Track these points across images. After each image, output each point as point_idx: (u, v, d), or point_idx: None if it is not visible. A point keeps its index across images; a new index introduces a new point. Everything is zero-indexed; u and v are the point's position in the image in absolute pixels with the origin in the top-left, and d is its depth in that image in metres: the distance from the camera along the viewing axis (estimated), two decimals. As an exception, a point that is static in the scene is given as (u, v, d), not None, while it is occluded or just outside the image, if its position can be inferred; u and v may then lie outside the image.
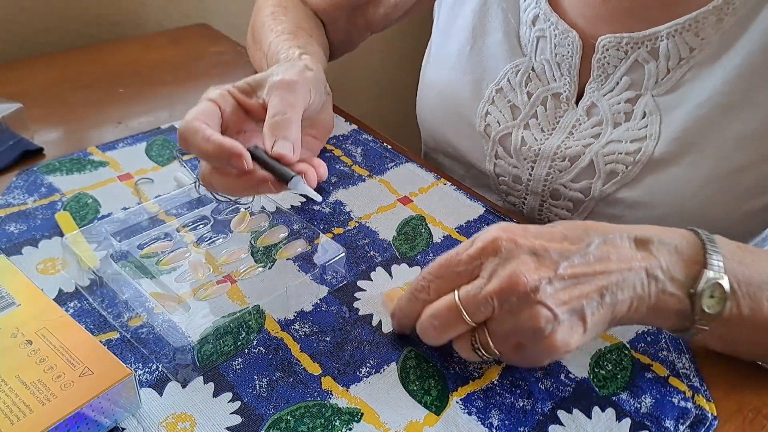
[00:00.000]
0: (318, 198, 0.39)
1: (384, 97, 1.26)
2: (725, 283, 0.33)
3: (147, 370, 0.36)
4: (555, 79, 0.50)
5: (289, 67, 0.44)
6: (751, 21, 0.42)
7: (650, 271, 0.34)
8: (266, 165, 0.39)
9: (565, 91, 0.50)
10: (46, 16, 0.75)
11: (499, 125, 0.53)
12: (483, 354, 0.35)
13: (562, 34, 0.48)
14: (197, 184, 0.48)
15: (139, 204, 0.48)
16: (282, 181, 0.38)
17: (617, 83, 0.47)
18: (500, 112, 0.53)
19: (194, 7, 0.87)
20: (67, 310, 0.39)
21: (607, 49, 0.47)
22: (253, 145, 0.40)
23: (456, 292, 0.34)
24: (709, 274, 0.33)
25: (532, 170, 0.52)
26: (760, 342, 0.36)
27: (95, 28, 0.79)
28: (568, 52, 0.49)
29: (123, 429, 0.33)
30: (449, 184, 0.54)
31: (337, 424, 0.34)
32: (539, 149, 0.51)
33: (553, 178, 0.51)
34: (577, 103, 0.50)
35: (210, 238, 0.45)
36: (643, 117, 0.46)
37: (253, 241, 0.45)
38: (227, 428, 0.34)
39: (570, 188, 0.51)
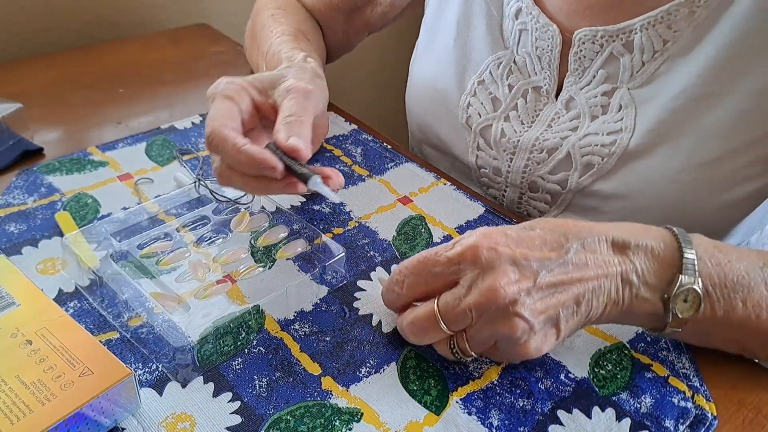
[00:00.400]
0: (336, 199, 0.40)
1: (382, 96, 1.26)
2: (699, 287, 0.34)
3: (147, 370, 0.36)
4: (536, 72, 0.51)
5: (300, 72, 0.45)
6: (722, 13, 0.43)
7: (625, 276, 0.34)
8: (284, 164, 0.40)
9: (545, 85, 0.51)
10: (46, 16, 0.75)
11: (480, 117, 0.53)
12: (461, 356, 0.36)
13: (542, 28, 0.49)
14: (197, 184, 0.48)
15: (138, 204, 0.48)
16: (301, 180, 0.40)
17: (594, 76, 0.48)
18: (482, 104, 0.53)
19: (194, 7, 0.87)
20: (67, 310, 0.39)
21: (583, 43, 0.47)
22: (272, 143, 0.41)
23: (435, 301, 0.35)
24: (684, 279, 0.34)
25: (511, 162, 0.53)
26: (732, 339, 0.37)
27: (95, 28, 0.79)
28: (548, 45, 0.49)
29: (123, 429, 0.33)
30: (449, 183, 0.54)
31: (337, 424, 0.34)
32: (518, 141, 0.52)
33: (531, 170, 0.52)
34: (556, 96, 0.51)
35: (210, 238, 0.45)
36: (619, 110, 0.47)
37: (253, 241, 0.45)
38: (227, 428, 0.34)
39: (548, 180, 0.52)
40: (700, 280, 0.34)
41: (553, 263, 0.33)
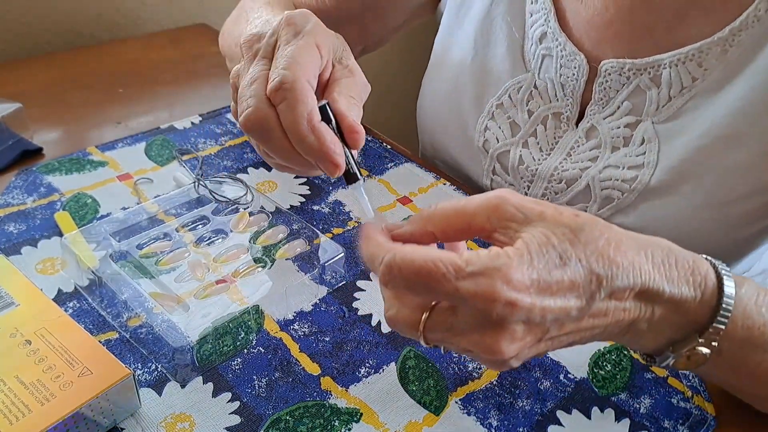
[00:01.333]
0: (370, 213, 0.35)
1: (383, 105, 1.26)
2: (708, 353, 0.30)
3: (146, 370, 0.36)
4: (557, 99, 0.50)
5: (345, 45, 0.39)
6: (756, 53, 0.42)
7: (636, 322, 0.30)
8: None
9: (566, 111, 0.49)
10: (46, 16, 0.75)
11: (498, 142, 0.52)
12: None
13: (569, 56, 0.48)
14: (196, 183, 0.48)
15: (138, 204, 0.48)
16: (346, 178, 0.35)
17: (618, 107, 0.47)
18: (499, 128, 0.52)
19: (194, 7, 0.87)
20: (66, 310, 0.39)
21: (610, 74, 0.46)
22: (325, 102, 0.35)
23: (423, 321, 0.29)
24: (701, 348, 0.30)
25: (528, 190, 0.52)
26: (737, 382, 0.34)
27: (95, 28, 0.79)
28: (574, 74, 0.48)
29: (122, 429, 0.33)
30: (448, 184, 0.54)
31: (336, 424, 0.34)
32: (536, 169, 0.51)
33: (548, 199, 0.51)
34: (577, 124, 0.50)
35: (209, 238, 0.45)
36: (642, 143, 0.46)
37: (252, 241, 0.45)
38: (226, 428, 0.34)
39: None
40: (717, 344, 0.30)
41: (570, 318, 0.28)
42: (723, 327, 0.30)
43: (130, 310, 0.38)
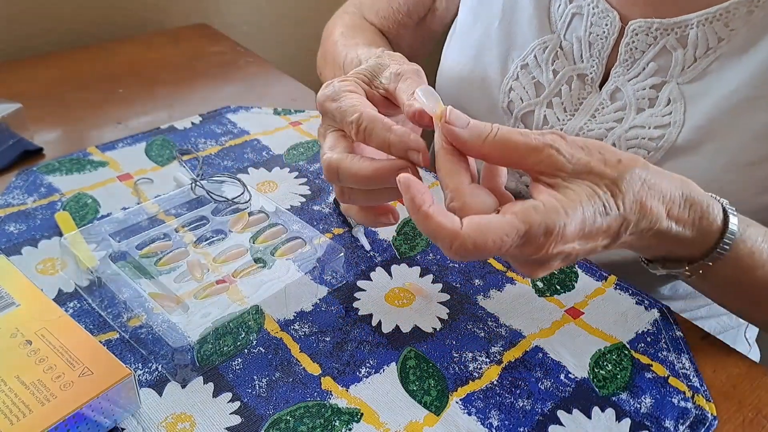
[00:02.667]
0: (367, 247, 0.44)
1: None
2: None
3: (146, 370, 0.36)
4: (582, 60, 0.50)
5: (397, 57, 0.43)
6: None
7: (641, 248, 0.36)
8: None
9: (591, 73, 0.50)
10: (46, 17, 0.75)
11: (522, 102, 0.52)
12: None
13: (601, 13, 0.48)
14: (194, 184, 0.48)
15: (138, 204, 0.48)
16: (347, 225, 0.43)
17: (643, 69, 0.47)
18: (524, 88, 0.52)
19: (194, 7, 0.87)
20: (66, 311, 0.39)
21: (637, 34, 0.47)
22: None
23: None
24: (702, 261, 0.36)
25: None
26: (733, 294, 0.40)
27: (95, 28, 0.79)
28: (604, 32, 0.48)
29: (123, 429, 0.33)
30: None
31: (336, 424, 0.34)
32: (561, 130, 0.51)
33: None
34: (600, 86, 0.50)
35: (209, 238, 0.45)
36: (668, 104, 0.46)
37: (252, 241, 0.45)
38: (227, 428, 0.34)
39: None
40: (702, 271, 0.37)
41: (596, 252, 0.33)
42: (719, 257, 0.36)
43: (130, 311, 0.38)
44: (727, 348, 0.40)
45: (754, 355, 0.62)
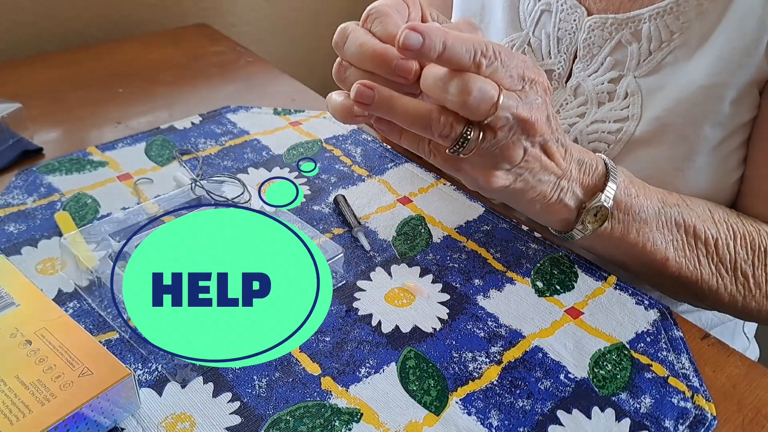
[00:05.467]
0: (367, 247, 0.46)
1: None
2: (609, 207, 0.41)
3: (146, 370, 0.36)
4: (550, 56, 0.51)
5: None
6: (729, 6, 0.43)
7: (562, 180, 0.39)
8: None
9: (558, 69, 0.51)
10: (46, 16, 0.75)
11: None
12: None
13: (569, 9, 0.49)
14: (193, 184, 0.48)
15: (138, 204, 0.48)
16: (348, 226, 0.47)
17: (602, 63, 0.48)
18: None
19: (194, 7, 0.87)
20: (66, 310, 0.39)
21: (593, 30, 0.48)
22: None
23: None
24: (603, 197, 0.40)
25: None
26: (618, 256, 0.44)
27: (95, 28, 0.79)
28: (572, 27, 0.49)
29: (122, 429, 0.33)
30: (448, 184, 0.54)
31: (336, 424, 0.34)
32: None
33: None
34: (566, 82, 0.51)
35: (209, 238, 0.45)
36: (625, 97, 0.47)
37: (252, 241, 0.45)
38: (227, 428, 0.33)
39: None
40: (613, 203, 0.41)
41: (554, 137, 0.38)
42: (614, 180, 0.41)
43: (130, 310, 0.38)
44: (726, 348, 0.40)
45: (753, 351, 0.62)
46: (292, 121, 0.61)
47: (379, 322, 0.40)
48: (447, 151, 0.35)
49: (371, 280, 0.43)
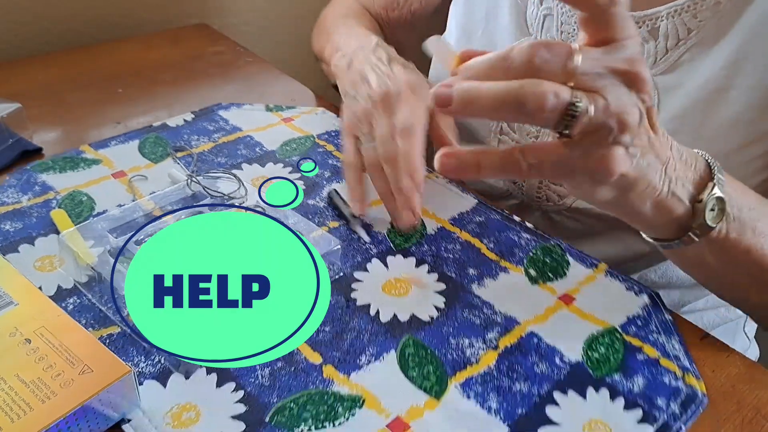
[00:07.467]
0: (366, 239, 0.44)
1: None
2: (727, 199, 0.33)
3: (150, 362, 0.34)
4: None
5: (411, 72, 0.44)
6: (747, 4, 0.41)
7: (668, 168, 0.32)
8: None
9: None
10: (46, 16, 0.72)
11: None
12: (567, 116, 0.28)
13: (568, 12, 0.47)
14: (189, 180, 0.46)
15: (134, 201, 0.46)
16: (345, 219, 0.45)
17: None
18: None
19: (194, 7, 0.83)
20: (66, 306, 0.37)
21: None
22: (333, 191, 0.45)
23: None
24: (716, 188, 0.33)
25: None
26: (728, 269, 0.36)
27: (95, 28, 0.76)
28: (574, 29, 0.47)
29: (129, 420, 0.31)
30: (441, 177, 0.52)
31: (339, 410, 0.32)
32: (540, 128, 0.49)
33: None
34: None
35: (209, 233, 0.43)
36: None
37: (251, 235, 0.43)
38: (232, 416, 0.32)
39: None
40: (725, 196, 0.33)
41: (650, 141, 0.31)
42: (721, 171, 0.34)
43: (131, 305, 0.36)
44: (726, 348, 0.38)
45: (753, 352, 0.60)
46: (284, 118, 0.59)
47: (378, 312, 0.38)
48: (555, 129, 0.28)
49: (368, 272, 0.41)
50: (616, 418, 0.33)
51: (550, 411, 0.33)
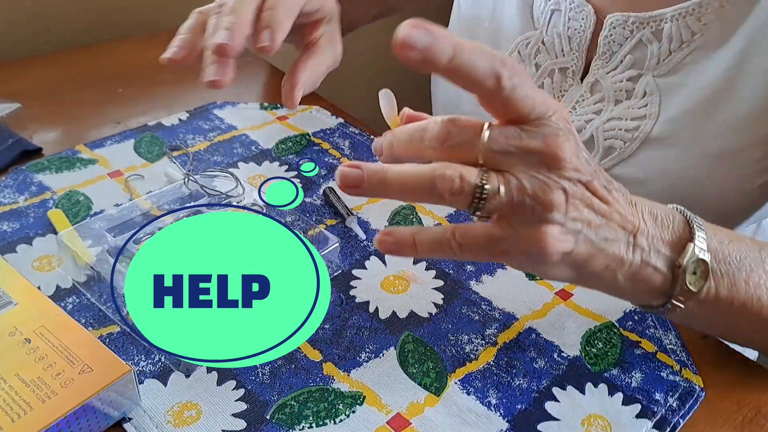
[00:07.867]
0: (362, 236, 0.44)
1: (375, 97, 1.23)
2: (708, 259, 0.30)
3: (150, 361, 0.34)
4: (564, 54, 0.48)
5: None
6: (750, 10, 0.41)
7: (637, 236, 0.29)
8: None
9: (572, 66, 0.48)
10: (45, 16, 0.71)
11: None
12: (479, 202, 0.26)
13: (577, 8, 0.47)
14: (186, 179, 0.46)
15: (131, 200, 0.45)
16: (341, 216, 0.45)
17: (621, 61, 0.46)
18: None
19: (194, 8, 0.82)
20: (66, 306, 0.36)
21: (614, 27, 0.45)
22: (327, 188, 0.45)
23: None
24: (696, 249, 0.29)
25: None
26: (728, 325, 0.33)
27: (95, 28, 0.75)
28: (581, 26, 0.47)
29: (130, 418, 0.31)
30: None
31: (340, 407, 0.32)
32: None
33: None
34: (582, 79, 0.48)
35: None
36: (644, 96, 0.45)
37: (250, 233, 0.42)
38: (233, 414, 0.31)
39: None
40: (709, 254, 0.30)
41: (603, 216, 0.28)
42: (701, 226, 0.30)
43: (131, 304, 0.36)
44: (726, 348, 0.38)
45: (753, 351, 0.59)
46: (279, 116, 0.58)
47: (377, 309, 0.38)
48: (468, 211, 0.26)
49: (366, 269, 0.41)
50: (615, 412, 0.33)
51: (550, 406, 0.33)
